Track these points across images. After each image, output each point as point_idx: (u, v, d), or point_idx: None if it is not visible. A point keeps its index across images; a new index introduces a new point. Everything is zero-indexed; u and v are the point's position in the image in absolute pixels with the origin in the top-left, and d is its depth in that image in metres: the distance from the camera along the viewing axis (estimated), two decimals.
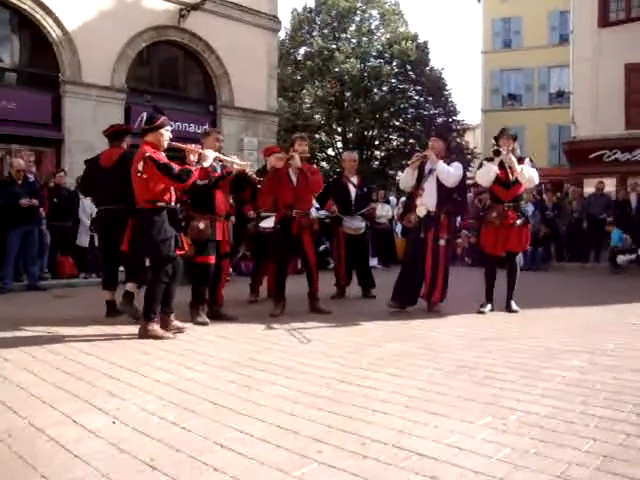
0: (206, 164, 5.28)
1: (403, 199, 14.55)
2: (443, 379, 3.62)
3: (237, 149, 14.23)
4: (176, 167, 4.87)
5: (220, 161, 5.65)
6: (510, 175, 6.12)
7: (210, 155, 5.31)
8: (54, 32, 11.94)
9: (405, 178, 6.54)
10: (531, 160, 6.42)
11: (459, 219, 9.89)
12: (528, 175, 6.15)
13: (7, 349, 4.39)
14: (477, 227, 11.95)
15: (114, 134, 6.08)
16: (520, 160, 6.23)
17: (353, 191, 7.77)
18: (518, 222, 6.18)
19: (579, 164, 17.89)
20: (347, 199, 7.71)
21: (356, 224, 7.57)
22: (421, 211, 6.25)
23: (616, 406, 3.03)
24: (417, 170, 6.37)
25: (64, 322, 5.59)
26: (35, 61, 12.30)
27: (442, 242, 6.19)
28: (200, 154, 5.25)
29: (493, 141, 6.42)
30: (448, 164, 6.23)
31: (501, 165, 6.17)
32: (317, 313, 6.19)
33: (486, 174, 6.26)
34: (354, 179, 7.88)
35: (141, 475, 2.24)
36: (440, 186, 6.20)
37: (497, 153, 6.16)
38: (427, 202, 6.23)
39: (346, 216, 7.59)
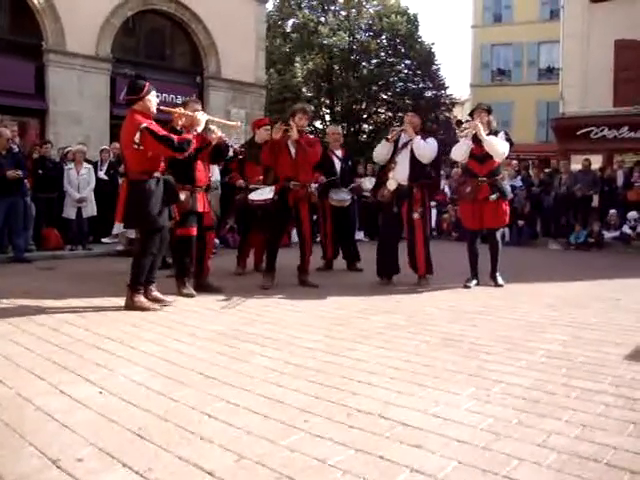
0: (200, 129, 5.18)
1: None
2: (428, 351, 3.67)
3: None
4: (175, 137, 4.80)
5: (209, 127, 5.61)
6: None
7: (202, 118, 5.20)
8: None
9: (380, 151, 6.50)
10: (506, 133, 6.36)
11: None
12: (494, 145, 6.03)
13: None
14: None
15: None
16: (495, 133, 6.19)
17: (338, 164, 7.86)
18: (492, 197, 6.14)
19: (566, 140, 17.89)
20: (332, 172, 7.75)
21: (341, 196, 7.63)
22: (391, 184, 6.26)
23: (596, 378, 3.10)
24: (392, 143, 6.37)
25: (50, 294, 5.57)
26: (17, 28, 12.01)
27: (416, 215, 6.18)
28: (193, 118, 5.15)
29: (468, 117, 6.40)
30: (423, 140, 6.23)
31: (476, 140, 6.16)
32: (305, 286, 6.21)
33: (459, 149, 6.27)
34: (338, 152, 8.00)
35: (129, 444, 2.26)
36: (414, 160, 6.21)
37: (459, 123, 6.15)
38: (399, 176, 6.25)
39: (331, 188, 7.62)
